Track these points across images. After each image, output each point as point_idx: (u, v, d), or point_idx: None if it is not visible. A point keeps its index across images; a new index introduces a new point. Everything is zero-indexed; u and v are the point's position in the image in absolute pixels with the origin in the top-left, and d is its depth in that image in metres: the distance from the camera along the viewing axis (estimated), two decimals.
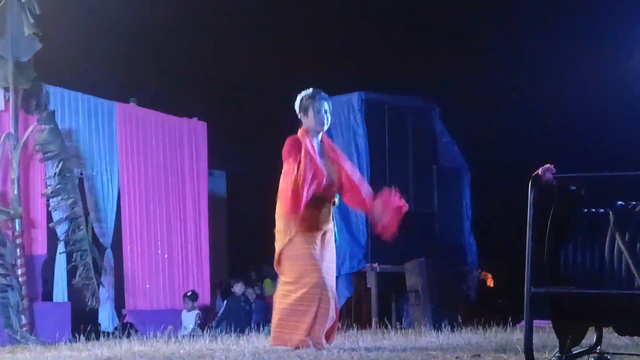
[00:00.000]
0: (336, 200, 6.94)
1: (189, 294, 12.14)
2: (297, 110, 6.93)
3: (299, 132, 6.86)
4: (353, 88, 12.75)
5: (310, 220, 6.74)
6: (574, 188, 4.11)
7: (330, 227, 6.94)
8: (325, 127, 6.90)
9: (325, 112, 6.88)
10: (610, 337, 5.76)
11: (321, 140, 6.94)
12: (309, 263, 6.70)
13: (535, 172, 3.95)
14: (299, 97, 6.94)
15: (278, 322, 6.67)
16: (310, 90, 6.96)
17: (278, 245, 6.84)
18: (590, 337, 4.36)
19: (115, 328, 11.15)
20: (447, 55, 13.79)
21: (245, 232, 14.92)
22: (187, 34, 13.92)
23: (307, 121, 6.84)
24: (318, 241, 6.81)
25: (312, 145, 6.76)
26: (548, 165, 4.01)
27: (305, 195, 6.54)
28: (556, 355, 3.71)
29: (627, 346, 5.44)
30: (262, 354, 6.05)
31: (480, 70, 13.61)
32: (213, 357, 6.14)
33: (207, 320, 12.26)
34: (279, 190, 6.79)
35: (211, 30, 13.84)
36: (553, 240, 4.02)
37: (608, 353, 3.88)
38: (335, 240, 7.02)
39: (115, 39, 13.00)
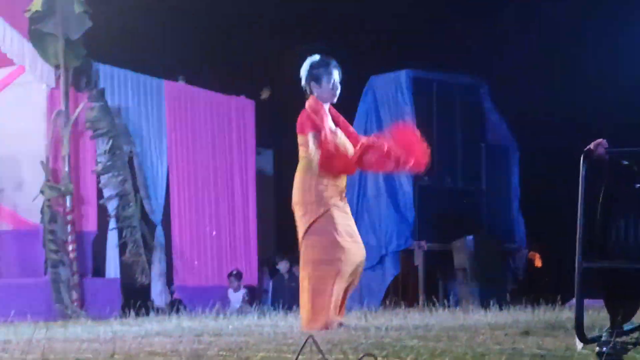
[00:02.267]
0: None
1: (234, 272, 12.19)
2: (305, 79, 6.59)
3: (311, 102, 6.57)
4: (401, 66, 12.69)
5: (336, 192, 6.64)
6: (626, 163, 4.06)
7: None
8: (335, 99, 6.61)
9: (338, 82, 6.57)
10: None
11: (330, 111, 6.67)
12: (346, 239, 6.58)
13: (587, 147, 3.91)
14: (306, 64, 6.60)
15: (317, 303, 6.47)
16: (319, 57, 6.62)
17: (307, 219, 6.67)
18: None
19: (168, 304, 11.27)
20: (496, 32, 13.64)
21: (291, 211, 14.95)
22: (237, 12, 13.92)
23: (320, 91, 6.52)
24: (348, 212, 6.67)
25: (326, 116, 6.54)
26: (600, 140, 3.96)
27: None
28: (607, 330, 3.68)
29: None
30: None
31: (529, 47, 13.46)
32: (262, 333, 6.17)
33: (254, 299, 12.32)
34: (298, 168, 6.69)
35: (260, 8, 13.82)
36: (605, 216, 3.98)
37: None
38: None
39: (164, 16, 13.04)
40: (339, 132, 6.66)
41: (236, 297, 12.06)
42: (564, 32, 13.13)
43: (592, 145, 3.91)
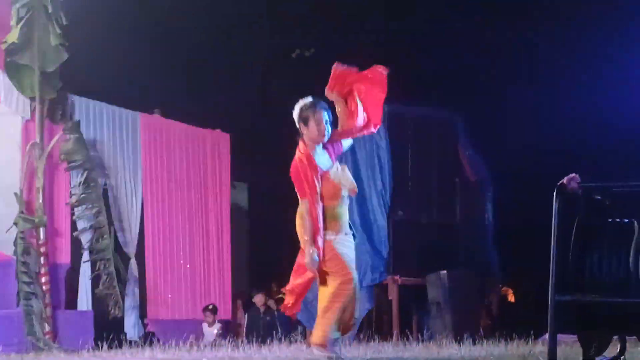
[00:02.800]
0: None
1: (209, 307, 12.13)
2: (296, 121, 6.60)
3: (300, 148, 6.61)
4: None
5: (341, 220, 6.72)
6: (599, 198, 4.11)
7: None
8: (326, 139, 6.63)
9: (326, 122, 6.58)
10: (634, 349, 5.74)
11: (323, 146, 6.79)
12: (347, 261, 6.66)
13: (561, 182, 3.96)
14: (297, 107, 6.61)
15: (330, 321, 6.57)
16: (310, 99, 6.64)
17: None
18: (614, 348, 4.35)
19: (141, 337, 11.20)
20: (471, 68, 13.77)
21: (266, 244, 14.94)
22: (212, 46, 13.98)
23: (308, 132, 6.54)
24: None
25: (314, 163, 6.66)
26: (573, 174, 4.01)
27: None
28: None
29: None
30: None
31: (503, 82, 13.59)
32: None
33: (227, 332, 12.26)
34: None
35: (235, 41, 13.89)
36: (578, 250, 4.02)
37: None
38: (354, 236, 6.97)
39: (141, 50, 13.08)
40: (332, 171, 6.71)
41: (210, 331, 12.00)
42: (539, 66, 13.27)
43: (565, 180, 3.96)
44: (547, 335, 3.90)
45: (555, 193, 3.91)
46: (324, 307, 6.49)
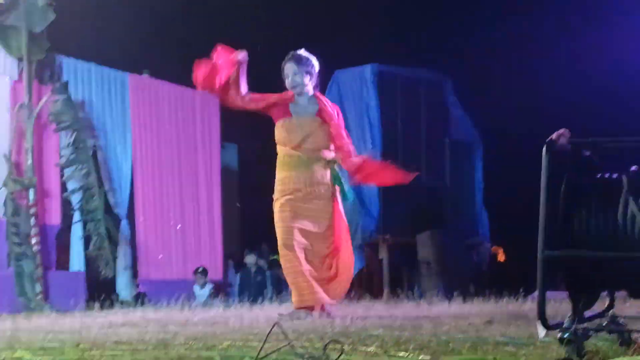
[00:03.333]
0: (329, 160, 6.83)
1: (200, 269, 12.15)
2: None
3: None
4: (365, 60, 12.73)
5: (285, 182, 6.73)
6: (588, 154, 4.11)
7: (322, 188, 6.79)
8: (298, 90, 6.75)
9: (295, 74, 6.72)
10: (622, 305, 5.79)
11: (319, 106, 6.81)
12: (280, 225, 6.70)
13: (550, 138, 3.96)
14: None
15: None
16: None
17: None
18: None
19: (133, 297, 11.24)
20: (460, 27, 13.73)
21: (257, 205, 14.95)
22: (202, 4, 13.88)
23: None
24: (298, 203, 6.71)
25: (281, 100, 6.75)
26: (562, 130, 4.00)
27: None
28: (569, 317, 3.74)
29: (638, 313, 5.47)
30: (275, 319, 6.09)
31: (492, 41, 13.57)
32: (227, 324, 6.18)
33: (219, 293, 12.31)
34: None
35: (229, 1, 13.80)
36: (567, 206, 4.03)
37: (620, 316, 3.91)
38: (347, 199, 7.00)
39: (129, 10, 12.98)
40: (295, 120, 6.72)
41: (202, 293, 12.05)
42: (527, 26, 13.25)
43: (554, 136, 3.95)
44: (536, 293, 3.93)
45: (544, 149, 3.91)
46: None
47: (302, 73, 6.74)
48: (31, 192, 10.35)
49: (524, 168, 8.95)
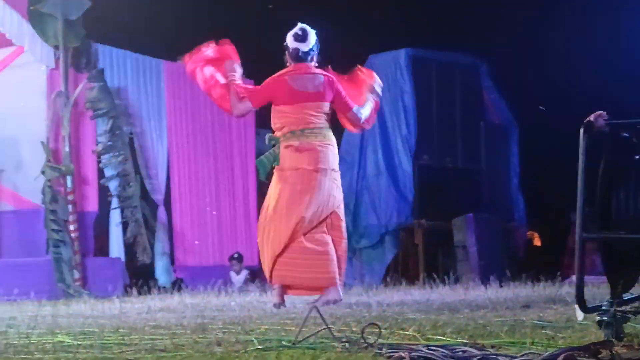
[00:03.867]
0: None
1: (235, 256, 12.18)
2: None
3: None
4: (400, 45, 12.68)
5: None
6: (626, 135, 4.07)
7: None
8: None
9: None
10: None
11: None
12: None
13: (587, 119, 3.93)
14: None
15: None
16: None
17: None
18: None
19: (171, 283, 11.32)
20: (496, 10, 13.64)
21: None
22: None
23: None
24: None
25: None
26: (600, 112, 3.97)
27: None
28: (608, 300, 3.72)
29: None
30: (312, 304, 6.11)
31: (528, 25, 13.46)
32: (264, 309, 6.22)
33: (255, 279, 12.34)
34: None
35: None
36: (604, 188, 4.00)
37: None
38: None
39: None
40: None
41: (238, 279, 12.09)
42: (563, 9, 13.13)
43: (592, 117, 3.92)
44: (573, 277, 3.90)
45: (581, 131, 3.88)
46: None
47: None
48: (69, 180, 10.42)
49: (560, 151, 8.91)
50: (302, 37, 6.68)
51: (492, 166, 13.28)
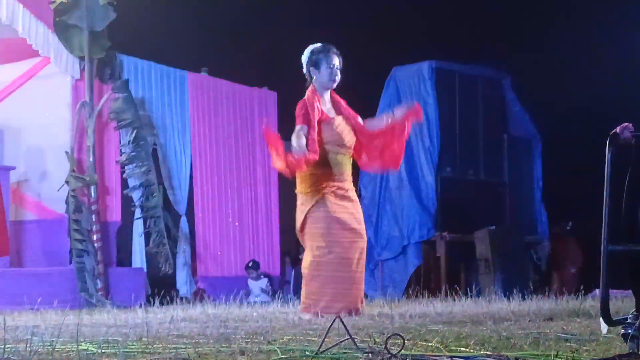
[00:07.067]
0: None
1: (249, 264, 12.19)
2: (306, 65, 6.70)
3: (308, 93, 6.67)
4: (423, 57, 12.69)
5: (331, 179, 6.70)
6: None
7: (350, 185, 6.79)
8: (335, 84, 6.69)
9: (337, 68, 6.62)
10: None
11: (332, 97, 6.75)
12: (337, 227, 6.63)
13: (613, 131, 3.92)
14: (307, 51, 6.71)
15: (317, 290, 6.59)
16: (320, 44, 6.71)
17: (303, 209, 6.77)
18: None
19: (192, 293, 11.33)
20: (518, 23, 13.62)
21: None
22: (261, 3, 13.96)
23: (319, 76, 6.61)
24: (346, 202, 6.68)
25: (320, 108, 6.61)
26: (626, 124, 3.97)
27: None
28: (633, 313, 3.70)
29: None
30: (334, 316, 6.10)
31: (551, 37, 13.44)
32: (286, 320, 6.22)
33: (275, 289, 12.35)
34: None
35: (282, 0, 13.86)
36: (631, 200, 3.99)
37: None
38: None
39: (187, 8, 13.11)
40: (337, 120, 6.71)
41: (257, 285, 12.08)
42: (586, 23, 13.10)
43: (618, 129, 3.92)
44: (597, 291, 3.89)
45: (607, 143, 3.87)
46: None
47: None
48: (92, 190, 10.47)
49: (584, 164, 8.86)
50: None
51: (515, 179, 13.26)
